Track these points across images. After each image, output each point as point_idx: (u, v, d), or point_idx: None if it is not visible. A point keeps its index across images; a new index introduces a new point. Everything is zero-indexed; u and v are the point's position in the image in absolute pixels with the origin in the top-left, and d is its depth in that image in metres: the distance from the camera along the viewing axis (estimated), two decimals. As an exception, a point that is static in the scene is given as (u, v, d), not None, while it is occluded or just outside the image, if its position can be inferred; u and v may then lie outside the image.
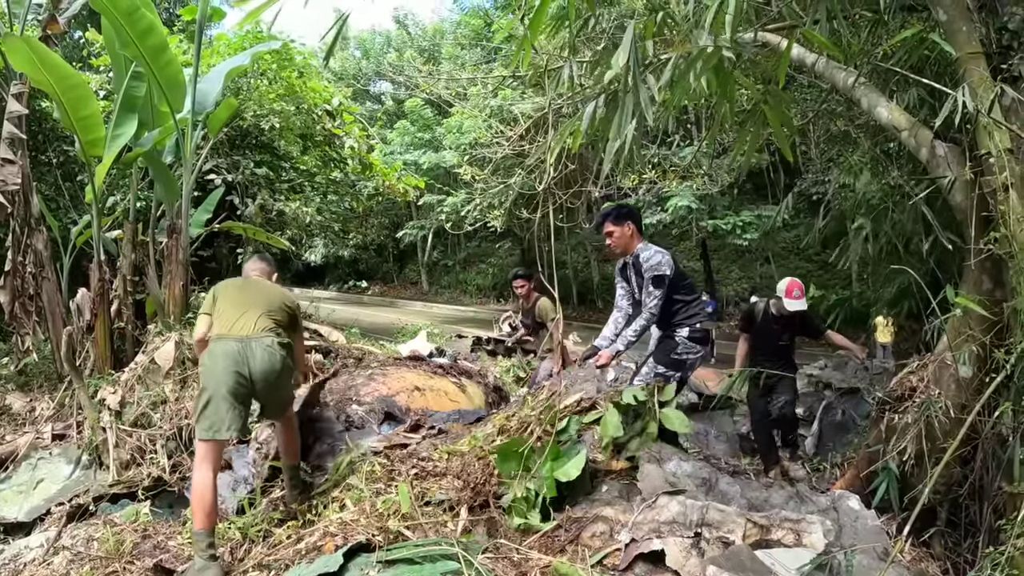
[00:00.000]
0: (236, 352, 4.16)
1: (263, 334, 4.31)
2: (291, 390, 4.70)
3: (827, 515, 3.87)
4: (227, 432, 4.03)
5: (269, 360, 4.23)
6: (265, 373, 4.20)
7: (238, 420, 4.08)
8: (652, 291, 5.05)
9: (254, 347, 4.21)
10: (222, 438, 4.06)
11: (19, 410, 6.72)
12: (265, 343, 4.26)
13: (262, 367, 4.19)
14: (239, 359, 4.14)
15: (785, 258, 24.35)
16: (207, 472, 3.98)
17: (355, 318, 20.82)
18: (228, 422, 4.03)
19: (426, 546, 3.34)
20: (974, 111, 3.64)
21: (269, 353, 4.24)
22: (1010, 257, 3.55)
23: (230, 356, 4.14)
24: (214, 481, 4.00)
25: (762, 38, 4.76)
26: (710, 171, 16.11)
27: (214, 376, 4.11)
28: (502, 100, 17.86)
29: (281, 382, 4.38)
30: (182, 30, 13.83)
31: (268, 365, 4.21)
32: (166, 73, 7.08)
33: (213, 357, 4.19)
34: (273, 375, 4.24)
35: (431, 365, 8.13)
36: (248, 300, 4.50)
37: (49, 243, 7.73)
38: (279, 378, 4.32)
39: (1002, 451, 3.79)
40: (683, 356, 5.15)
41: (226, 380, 4.07)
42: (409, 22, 42.91)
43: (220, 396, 4.05)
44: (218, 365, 4.13)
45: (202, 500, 3.89)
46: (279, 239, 11.31)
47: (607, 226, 5.35)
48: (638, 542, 3.53)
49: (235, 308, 4.43)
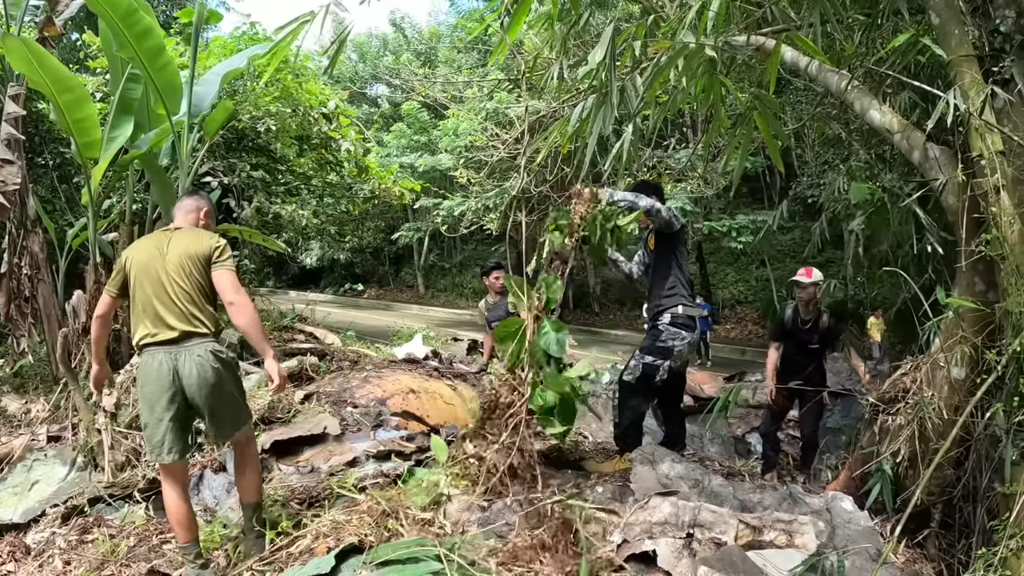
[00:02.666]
0: (165, 367, 3.78)
1: (191, 340, 3.86)
2: (238, 414, 4.10)
3: (820, 516, 3.89)
4: (168, 456, 3.80)
5: (200, 373, 3.80)
6: (198, 386, 3.80)
7: (176, 444, 3.81)
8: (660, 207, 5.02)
9: (183, 358, 3.81)
10: (164, 463, 3.84)
11: (14, 412, 6.72)
12: (196, 353, 3.83)
13: (194, 380, 3.79)
14: (168, 374, 3.78)
15: (781, 261, 24.34)
16: (173, 489, 3.86)
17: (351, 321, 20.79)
18: (167, 445, 3.79)
19: (410, 547, 3.35)
20: (966, 113, 3.66)
21: (199, 365, 3.81)
22: (1002, 259, 3.57)
23: (159, 371, 3.78)
24: (183, 496, 3.90)
25: (756, 42, 4.78)
26: (705, 174, 16.14)
27: (146, 395, 3.82)
28: (497, 103, 17.89)
29: (220, 400, 3.90)
30: (179, 32, 13.83)
31: (199, 379, 3.80)
32: (163, 75, 7.08)
33: (144, 376, 3.84)
34: (207, 389, 3.81)
35: (426, 368, 8.14)
36: (165, 287, 3.88)
37: (45, 245, 7.73)
38: (216, 393, 3.85)
39: (995, 452, 3.81)
40: (668, 343, 5.15)
41: (160, 400, 3.78)
42: (406, 25, 42.92)
43: (155, 419, 3.80)
44: (149, 382, 3.81)
45: (177, 517, 3.83)
46: (275, 242, 11.32)
47: None
48: (630, 543, 3.55)
49: (152, 303, 3.88)
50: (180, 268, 3.91)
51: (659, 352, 5.16)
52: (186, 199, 4.44)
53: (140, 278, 3.93)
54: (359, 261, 42.51)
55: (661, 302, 5.25)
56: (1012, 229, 3.53)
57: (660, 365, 5.12)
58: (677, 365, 5.35)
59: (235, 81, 11.37)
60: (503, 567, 3.29)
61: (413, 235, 34.05)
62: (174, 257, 3.93)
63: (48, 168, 11.64)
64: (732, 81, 4.75)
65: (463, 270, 36.81)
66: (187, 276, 3.91)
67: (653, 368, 5.11)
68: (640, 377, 5.16)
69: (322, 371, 7.73)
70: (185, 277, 3.91)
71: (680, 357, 5.30)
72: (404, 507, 3.96)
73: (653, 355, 5.16)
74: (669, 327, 5.18)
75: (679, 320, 5.18)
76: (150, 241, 4.12)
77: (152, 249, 4.00)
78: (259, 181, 12.92)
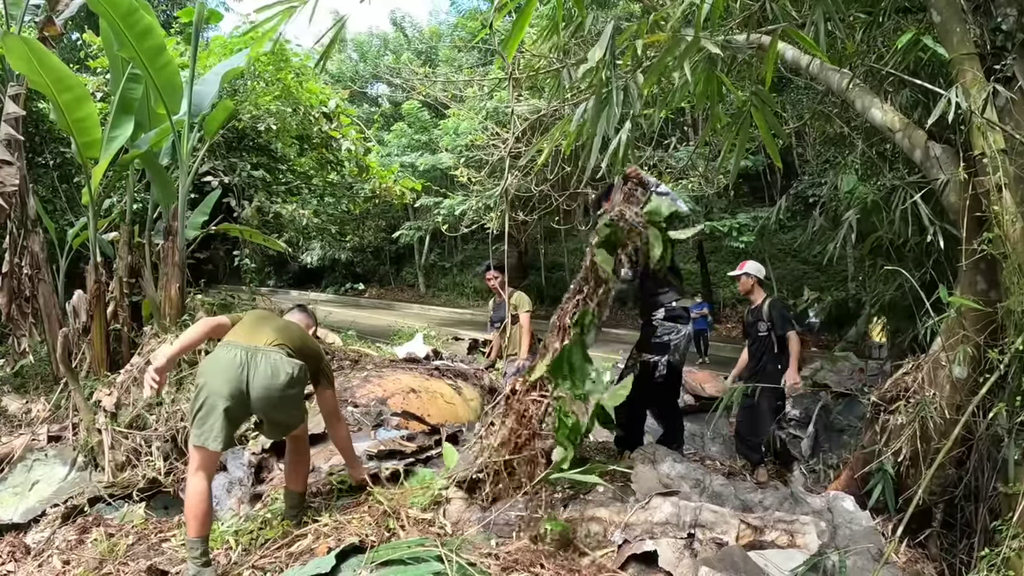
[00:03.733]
0: (238, 361, 3.92)
1: (272, 348, 4.05)
2: (298, 413, 4.27)
3: (822, 516, 3.88)
4: (214, 444, 3.82)
5: (271, 373, 3.94)
6: (265, 387, 3.92)
7: (223, 434, 3.85)
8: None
9: (259, 359, 3.96)
10: (210, 449, 3.85)
11: (15, 412, 6.72)
12: (272, 356, 3.99)
13: (262, 381, 3.92)
14: (239, 367, 3.90)
15: (782, 260, 24.34)
16: (201, 480, 3.85)
17: (352, 321, 20.78)
18: (216, 434, 3.82)
19: (411, 547, 3.34)
20: (967, 111, 3.65)
21: (272, 366, 3.96)
22: (1004, 257, 3.56)
23: (231, 362, 3.91)
24: (208, 489, 3.88)
25: (756, 40, 4.76)
26: (706, 173, 16.11)
27: (210, 381, 3.89)
28: (498, 102, 17.87)
29: (283, 401, 4.04)
30: (179, 32, 13.83)
31: (269, 379, 3.93)
32: (163, 75, 7.08)
33: (214, 362, 3.97)
34: (274, 390, 3.94)
35: (427, 367, 8.13)
36: (272, 322, 4.32)
37: (45, 245, 7.74)
38: (281, 395, 3.99)
39: (997, 452, 3.80)
40: (663, 338, 5.14)
41: (221, 391, 3.85)
42: (406, 24, 42.94)
43: (212, 404, 3.84)
44: (217, 372, 3.90)
45: (196, 508, 3.79)
46: (276, 241, 11.31)
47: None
48: (631, 543, 3.54)
49: (255, 323, 4.26)
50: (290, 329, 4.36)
51: (656, 349, 5.15)
52: (299, 313, 4.93)
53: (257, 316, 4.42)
54: (360, 260, 42.50)
55: (655, 299, 5.24)
56: (1014, 227, 3.52)
57: (658, 361, 5.11)
58: (676, 359, 5.33)
59: (235, 80, 11.37)
60: (505, 573, 3.28)
61: (414, 234, 34.03)
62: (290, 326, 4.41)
63: (48, 168, 11.65)
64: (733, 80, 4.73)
65: (464, 269, 36.80)
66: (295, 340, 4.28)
67: (651, 365, 5.10)
68: (638, 376, 5.15)
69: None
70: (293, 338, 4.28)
71: (677, 350, 5.28)
72: (405, 507, 3.95)
73: (650, 352, 5.15)
74: (664, 322, 5.17)
75: (673, 312, 5.18)
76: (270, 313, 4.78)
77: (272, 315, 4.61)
78: (260, 180, 12.93)
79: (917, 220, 4.36)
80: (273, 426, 4.20)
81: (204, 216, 9.62)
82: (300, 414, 4.30)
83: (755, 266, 6.59)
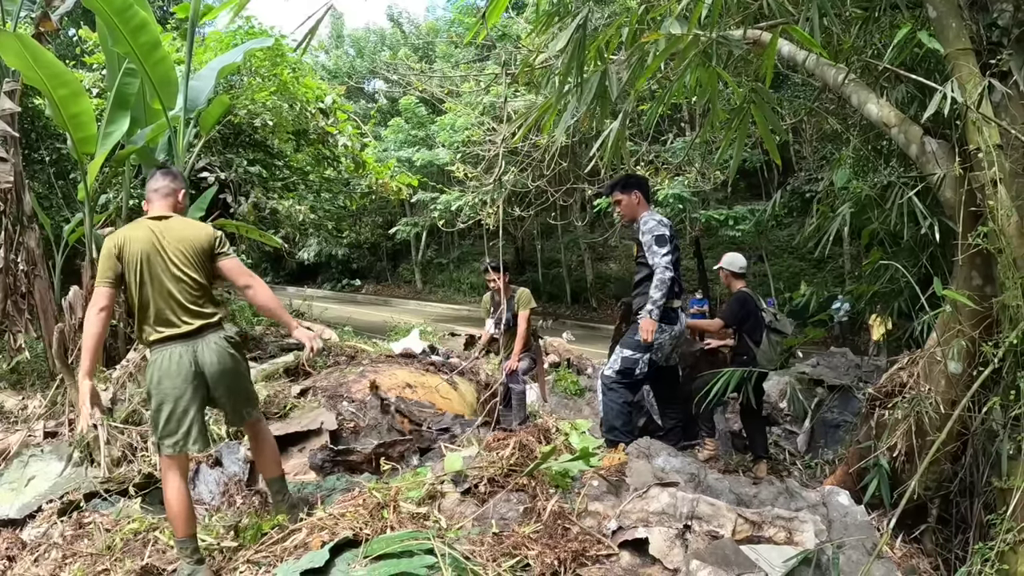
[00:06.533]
0: (185, 359, 3.81)
1: (208, 330, 3.91)
2: (252, 394, 4.25)
3: (816, 511, 3.89)
4: (193, 446, 3.81)
5: (220, 361, 3.89)
6: (220, 375, 3.89)
7: (202, 432, 3.85)
8: (656, 250, 5.09)
9: (201, 347, 3.86)
10: (188, 452, 3.84)
11: (11, 408, 6.71)
12: (212, 341, 3.90)
13: (215, 369, 3.87)
14: (189, 365, 3.80)
15: (779, 256, 24.40)
16: (177, 482, 3.80)
17: (348, 317, 20.80)
18: (193, 435, 3.80)
19: (405, 540, 3.34)
20: (963, 107, 3.65)
21: (218, 352, 3.89)
22: (999, 252, 3.56)
23: (180, 364, 3.80)
24: (185, 488, 3.84)
25: (753, 35, 4.76)
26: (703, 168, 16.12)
27: (168, 388, 3.78)
28: (494, 97, 17.86)
29: (239, 384, 4.02)
30: (175, 28, 13.81)
31: (220, 366, 3.88)
32: (159, 70, 7.06)
33: (162, 370, 3.80)
34: (228, 376, 3.92)
35: (423, 362, 8.15)
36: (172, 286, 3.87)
37: (41, 241, 7.71)
38: (236, 378, 3.98)
39: (992, 447, 3.80)
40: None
41: (184, 390, 3.78)
42: (403, 20, 42.91)
43: (180, 409, 3.78)
44: (170, 375, 3.78)
45: (177, 510, 3.75)
46: (272, 237, 11.29)
47: (615, 194, 5.54)
48: (625, 529, 3.55)
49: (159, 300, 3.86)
50: (184, 263, 3.90)
51: (639, 347, 5.17)
52: (160, 178, 4.20)
53: (142, 274, 3.86)
54: (356, 256, 42.54)
55: (644, 299, 5.25)
56: (1009, 222, 3.52)
57: (639, 359, 5.13)
58: (659, 358, 5.34)
59: (231, 76, 11.36)
60: (493, 563, 3.28)
61: (410, 230, 34.04)
62: (175, 253, 3.90)
63: (44, 164, 11.63)
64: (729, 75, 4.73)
65: (460, 265, 36.85)
66: (192, 270, 3.91)
67: (632, 362, 5.12)
68: (620, 371, 5.18)
69: (319, 366, 7.73)
70: (191, 271, 3.91)
71: (661, 350, 5.30)
72: (399, 501, 3.96)
73: (632, 350, 5.17)
74: None
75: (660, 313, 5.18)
76: (140, 232, 3.94)
77: (146, 243, 3.89)
78: (256, 176, 12.91)
79: (912, 215, 4.37)
80: (234, 410, 4.09)
81: (200, 212, 9.59)
82: (254, 393, 4.30)
83: (728, 258, 6.54)
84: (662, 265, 5.03)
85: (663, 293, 5.01)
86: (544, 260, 32.84)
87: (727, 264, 6.48)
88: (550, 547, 3.40)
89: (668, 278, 5.03)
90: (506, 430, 5.44)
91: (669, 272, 5.04)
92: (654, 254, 5.08)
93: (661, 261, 5.03)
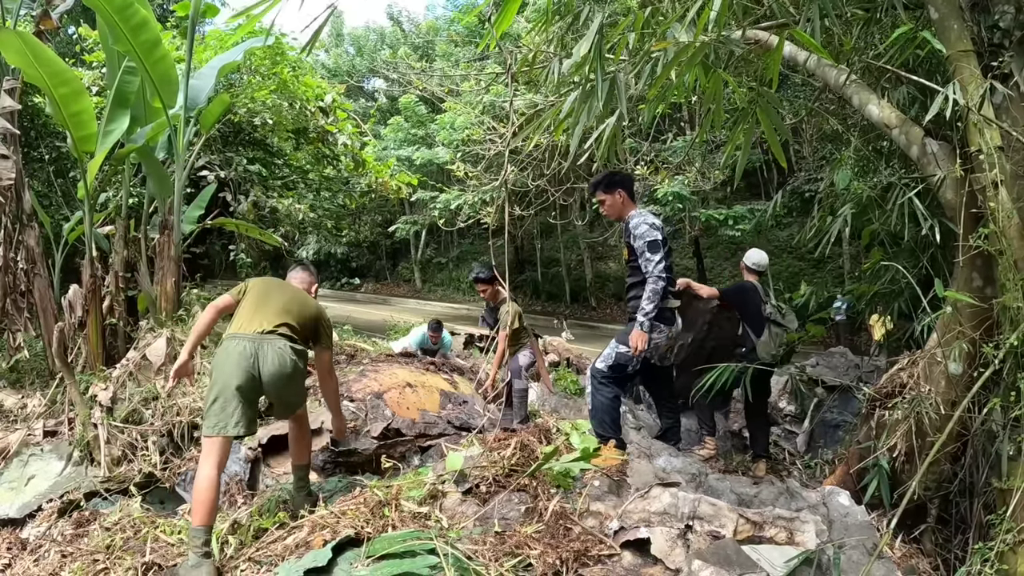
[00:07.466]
0: (248, 351, 4.12)
1: (277, 336, 4.25)
2: (302, 394, 4.59)
3: (817, 511, 3.89)
4: (234, 429, 4.00)
5: (279, 363, 4.16)
6: (275, 375, 4.15)
7: (245, 418, 4.05)
8: (650, 257, 4.99)
9: (266, 348, 4.16)
10: (228, 435, 4.00)
11: (11, 407, 6.70)
12: (277, 345, 4.20)
13: (272, 368, 4.14)
14: (250, 358, 4.10)
15: (779, 256, 24.37)
16: (211, 469, 3.92)
17: (348, 315, 20.79)
18: (236, 419, 4.00)
19: (407, 539, 3.34)
20: (964, 108, 3.66)
21: (279, 355, 4.17)
22: (1000, 254, 3.57)
23: (242, 355, 4.10)
24: (218, 479, 3.95)
25: (752, 36, 4.76)
26: (703, 168, 16.13)
27: (224, 373, 4.07)
28: (494, 96, 17.86)
29: (291, 386, 4.32)
30: (175, 26, 13.79)
31: (278, 368, 4.15)
32: (159, 69, 7.06)
33: (225, 354, 4.15)
34: (283, 379, 4.19)
35: (423, 362, 8.15)
36: (273, 301, 4.45)
37: (41, 239, 7.70)
38: (289, 381, 4.25)
39: (992, 447, 3.81)
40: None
41: (236, 378, 4.03)
42: (403, 18, 42.89)
43: (229, 393, 4.02)
44: (230, 362, 4.08)
45: (204, 496, 3.83)
46: (272, 236, 11.28)
47: (598, 194, 5.40)
48: (627, 530, 3.55)
49: (257, 305, 4.40)
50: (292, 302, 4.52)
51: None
52: (300, 271, 5.07)
53: (258, 295, 4.49)
54: (356, 255, 42.54)
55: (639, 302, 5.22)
56: (1010, 224, 3.53)
57: (632, 356, 5.09)
58: (652, 356, 5.31)
59: (231, 75, 11.35)
60: (495, 563, 3.29)
61: (410, 229, 34.04)
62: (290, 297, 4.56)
63: (44, 162, 11.62)
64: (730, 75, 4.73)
65: (460, 264, 36.82)
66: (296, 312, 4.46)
67: (625, 358, 5.08)
68: (612, 366, 5.15)
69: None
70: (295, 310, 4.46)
71: (656, 349, 5.26)
72: (401, 500, 3.96)
73: (626, 345, 5.13)
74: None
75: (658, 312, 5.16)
76: (271, 280, 4.81)
77: (273, 283, 4.70)
78: (256, 175, 12.91)
79: (913, 216, 4.37)
80: (283, 406, 4.49)
81: (200, 210, 9.60)
82: (305, 392, 4.63)
83: (748, 253, 6.72)
84: (655, 274, 4.95)
85: (655, 305, 4.95)
86: (543, 259, 32.81)
87: (745, 257, 6.57)
88: (552, 547, 3.42)
89: (661, 288, 4.98)
90: (507, 429, 5.44)
91: (662, 282, 4.98)
92: (648, 261, 5.00)
93: (655, 269, 4.95)
